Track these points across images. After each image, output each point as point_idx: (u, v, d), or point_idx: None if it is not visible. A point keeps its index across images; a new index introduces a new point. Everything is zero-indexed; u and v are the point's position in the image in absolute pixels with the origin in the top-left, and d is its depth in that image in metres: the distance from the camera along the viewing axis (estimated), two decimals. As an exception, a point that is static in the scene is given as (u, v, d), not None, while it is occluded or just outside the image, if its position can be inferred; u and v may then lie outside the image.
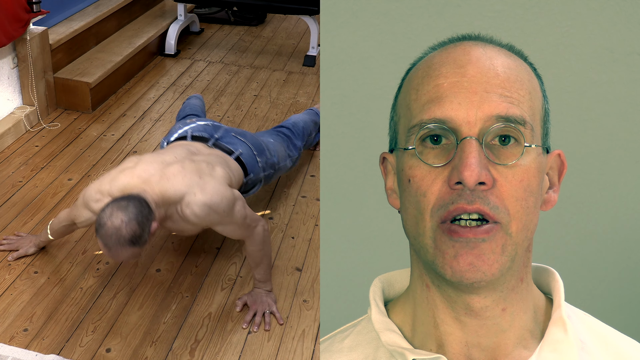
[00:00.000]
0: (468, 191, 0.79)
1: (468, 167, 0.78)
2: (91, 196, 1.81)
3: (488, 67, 0.83)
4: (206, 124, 2.26)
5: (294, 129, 2.60)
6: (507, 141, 0.81)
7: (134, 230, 1.60)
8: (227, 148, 2.15)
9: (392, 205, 0.91)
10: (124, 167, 1.84)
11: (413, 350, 0.85)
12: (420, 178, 0.82)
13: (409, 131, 0.84)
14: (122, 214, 1.60)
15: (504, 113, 0.80)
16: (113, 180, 1.79)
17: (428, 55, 0.89)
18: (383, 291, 0.95)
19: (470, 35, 0.89)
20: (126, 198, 1.66)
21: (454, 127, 0.81)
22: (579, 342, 0.87)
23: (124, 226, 1.59)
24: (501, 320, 0.85)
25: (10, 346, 1.83)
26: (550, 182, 0.89)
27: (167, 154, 1.92)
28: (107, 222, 1.60)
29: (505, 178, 0.80)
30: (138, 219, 1.61)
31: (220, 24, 4.60)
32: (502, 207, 0.79)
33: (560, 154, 0.89)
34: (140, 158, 1.88)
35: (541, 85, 0.88)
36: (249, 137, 2.26)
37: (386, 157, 0.92)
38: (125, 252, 1.62)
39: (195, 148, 2.07)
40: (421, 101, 0.84)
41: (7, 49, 2.90)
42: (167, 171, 1.79)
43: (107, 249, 1.62)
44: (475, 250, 0.79)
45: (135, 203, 1.64)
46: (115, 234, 1.59)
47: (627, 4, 1.36)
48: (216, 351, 1.89)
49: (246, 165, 2.15)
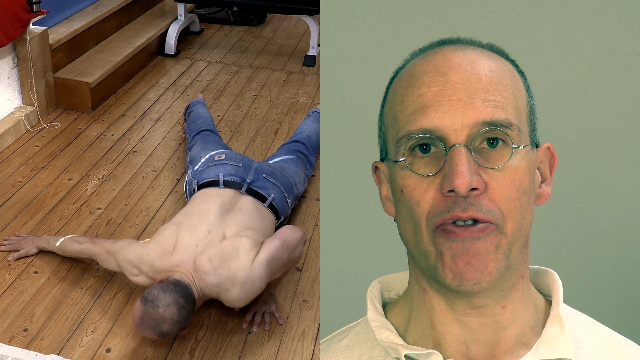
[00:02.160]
0: (461, 198, 0.79)
1: (459, 175, 0.78)
2: (128, 269, 1.88)
3: (470, 72, 0.83)
4: (237, 165, 2.26)
5: (309, 144, 2.63)
6: (495, 143, 0.81)
7: (172, 330, 1.69)
8: (259, 194, 2.17)
9: (388, 213, 0.91)
10: (163, 251, 1.85)
11: (407, 346, 0.86)
12: (413, 188, 0.82)
13: (398, 142, 0.84)
14: (175, 312, 1.67)
15: (490, 118, 0.81)
16: (153, 267, 1.83)
17: (409, 64, 0.89)
18: (382, 293, 0.96)
19: (449, 39, 0.89)
20: (186, 296, 1.72)
21: (441, 136, 0.81)
22: (576, 340, 0.87)
23: (169, 323, 1.67)
24: (502, 318, 0.85)
25: (10, 346, 1.83)
26: (542, 175, 0.90)
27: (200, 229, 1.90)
28: (160, 308, 1.66)
29: (497, 180, 0.80)
30: (183, 323, 1.70)
31: (220, 24, 4.60)
32: (495, 209, 0.80)
33: (550, 147, 0.90)
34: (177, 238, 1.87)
35: (524, 81, 0.88)
36: (278, 177, 2.28)
37: (378, 166, 0.92)
38: (150, 335, 1.70)
39: (227, 200, 2.07)
40: (407, 112, 0.84)
41: (7, 49, 2.90)
42: (199, 267, 1.80)
43: (140, 321, 1.67)
44: (471, 250, 0.80)
45: (190, 307, 1.72)
46: (157, 321, 1.66)
47: (627, 4, 1.36)
48: (216, 351, 1.89)
49: (278, 210, 2.20)
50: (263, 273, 1.80)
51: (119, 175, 2.72)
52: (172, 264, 1.82)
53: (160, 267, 1.83)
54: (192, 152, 2.53)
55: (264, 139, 3.08)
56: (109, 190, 2.61)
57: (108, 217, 2.43)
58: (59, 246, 2.12)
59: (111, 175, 2.71)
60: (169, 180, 2.70)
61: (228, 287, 1.77)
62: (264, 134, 3.13)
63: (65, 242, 2.11)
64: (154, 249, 1.85)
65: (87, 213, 2.45)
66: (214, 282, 1.78)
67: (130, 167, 2.79)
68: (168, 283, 1.72)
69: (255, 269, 1.79)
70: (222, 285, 1.78)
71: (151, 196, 2.58)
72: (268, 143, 3.03)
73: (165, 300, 1.67)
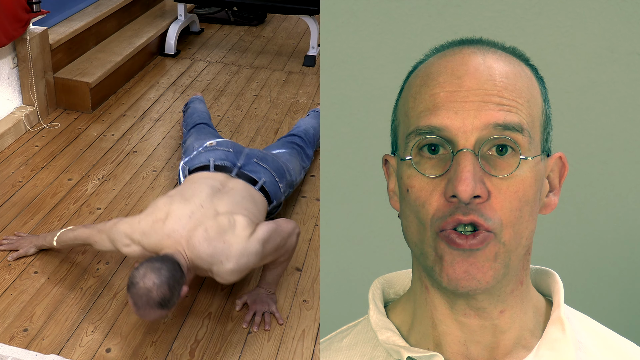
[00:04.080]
0: (463, 204, 0.80)
1: (463, 181, 0.78)
2: (120, 238, 1.85)
3: (486, 78, 0.82)
4: (227, 150, 2.28)
5: (306, 137, 2.63)
6: (505, 151, 0.81)
7: (164, 294, 1.63)
8: (250, 177, 2.17)
9: (393, 207, 0.91)
10: (155, 219, 1.84)
11: (409, 348, 0.86)
12: (419, 189, 0.82)
13: (407, 138, 0.84)
14: (154, 277, 1.63)
15: (502, 121, 0.80)
16: (144, 234, 1.82)
17: (427, 61, 0.89)
18: (383, 292, 0.96)
19: (470, 39, 0.88)
20: (160, 260, 1.69)
21: (449, 137, 0.81)
22: (577, 342, 0.87)
23: (156, 289, 1.62)
24: (500, 322, 0.85)
25: (10, 346, 1.83)
26: (551, 185, 0.89)
27: (193, 202, 1.91)
28: (140, 283, 1.63)
29: (500, 190, 0.80)
30: (170, 283, 1.65)
31: (220, 24, 4.60)
32: (495, 218, 0.80)
33: (562, 156, 0.89)
34: (170, 208, 1.87)
35: (542, 89, 0.88)
36: (270, 162, 2.28)
37: (388, 159, 0.92)
38: (154, 313, 1.66)
39: (218, 182, 2.09)
40: (418, 109, 0.84)
41: (7, 49, 2.90)
42: (192, 237, 1.79)
43: (136, 308, 1.65)
44: (471, 258, 0.80)
45: (168, 266, 1.67)
46: (146, 295, 1.62)
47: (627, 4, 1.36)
48: (216, 351, 1.89)
49: (269, 194, 2.19)
50: (259, 250, 1.80)
51: (119, 175, 2.72)
52: (164, 233, 1.80)
53: (152, 234, 1.81)
54: (186, 144, 2.56)
55: (264, 139, 3.08)
56: (109, 190, 2.61)
57: (108, 217, 2.43)
58: (57, 240, 2.12)
59: (111, 175, 2.71)
60: (169, 180, 2.70)
61: (222, 260, 1.76)
62: (264, 134, 3.13)
63: (60, 234, 2.11)
64: (146, 217, 1.86)
65: (87, 213, 2.45)
66: (208, 252, 1.76)
67: (130, 167, 2.79)
68: (141, 263, 1.70)
69: (251, 243, 1.79)
70: (216, 256, 1.76)
71: (151, 196, 2.58)
72: (268, 143, 3.03)
73: (139, 273, 1.64)
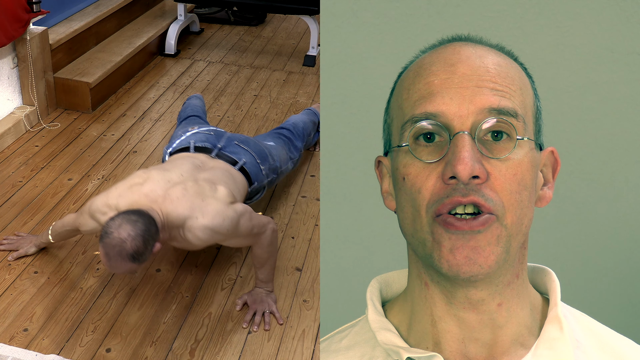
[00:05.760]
0: (462, 185, 0.79)
1: (461, 161, 0.78)
2: (98, 208, 1.82)
3: (478, 65, 0.83)
4: (208, 133, 2.27)
5: (294, 130, 2.62)
6: (500, 137, 0.81)
7: (138, 247, 1.61)
8: (230, 158, 2.17)
9: (388, 207, 0.91)
10: (132, 183, 1.84)
11: (408, 349, 0.86)
12: (415, 175, 0.82)
13: (402, 128, 0.85)
14: (130, 228, 1.62)
15: (497, 105, 0.81)
16: (121, 196, 1.80)
17: (419, 58, 0.90)
18: (380, 292, 0.96)
19: (460, 36, 0.90)
20: (137, 213, 1.68)
21: (445, 122, 0.81)
22: (575, 341, 0.87)
23: (130, 240, 1.60)
24: (497, 316, 0.85)
25: (10, 346, 1.83)
26: (545, 178, 0.90)
27: (173, 172, 1.93)
28: (114, 233, 1.61)
29: (499, 171, 0.81)
30: (144, 236, 1.63)
31: (220, 24, 4.60)
32: (496, 199, 0.80)
33: (554, 151, 0.90)
34: (148, 175, 1.88)
35: (532, 84, 0.89)
36: (251, 145, 2.28)
37: (381, 160, 0.93)
38: (124, 265, 1.63)
39: (199, 161, 2.09)
40: (412, 99, 0.84)
41: (7, 49, 2.90)
42: (170, 193, 1.80)
43: (107, 259, 1.63)
44: (472, 242, 0.80)
45: (144, 220, 1.66)
46: (118, 245, 1.60)
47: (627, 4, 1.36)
48: (216, 351, 1.89)
49: (250, 175, 2.18)
50: (235, 218, 1.81)
51: (119, 175, 2.72)
52: (141, 193, 1.79)
53: (128, 195, 1.79)
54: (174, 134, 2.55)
55: (264, 139, 3.08)
56: (109, 190, 2.61)
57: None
58: (51, 233, 2.11)
59: (111, 175, 2.71)
60: (169, 180, 2.70)
61: (197, 216, 1.75)
62: (264, 134, 3.13)
63: (53, 226, 2.11)
64: (123, 184, 1.85)
65: (87, 213, 2.45)
66: (185, 206, 1.76)
67: (130, 167, 2.79)
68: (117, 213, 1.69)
69: (230, 209, 1.81)
70: (193, 211, 1.76)
71: (151, 196, 2.58)
72: (268, 143, 3.03)
73: (115, 223, 1.63)
